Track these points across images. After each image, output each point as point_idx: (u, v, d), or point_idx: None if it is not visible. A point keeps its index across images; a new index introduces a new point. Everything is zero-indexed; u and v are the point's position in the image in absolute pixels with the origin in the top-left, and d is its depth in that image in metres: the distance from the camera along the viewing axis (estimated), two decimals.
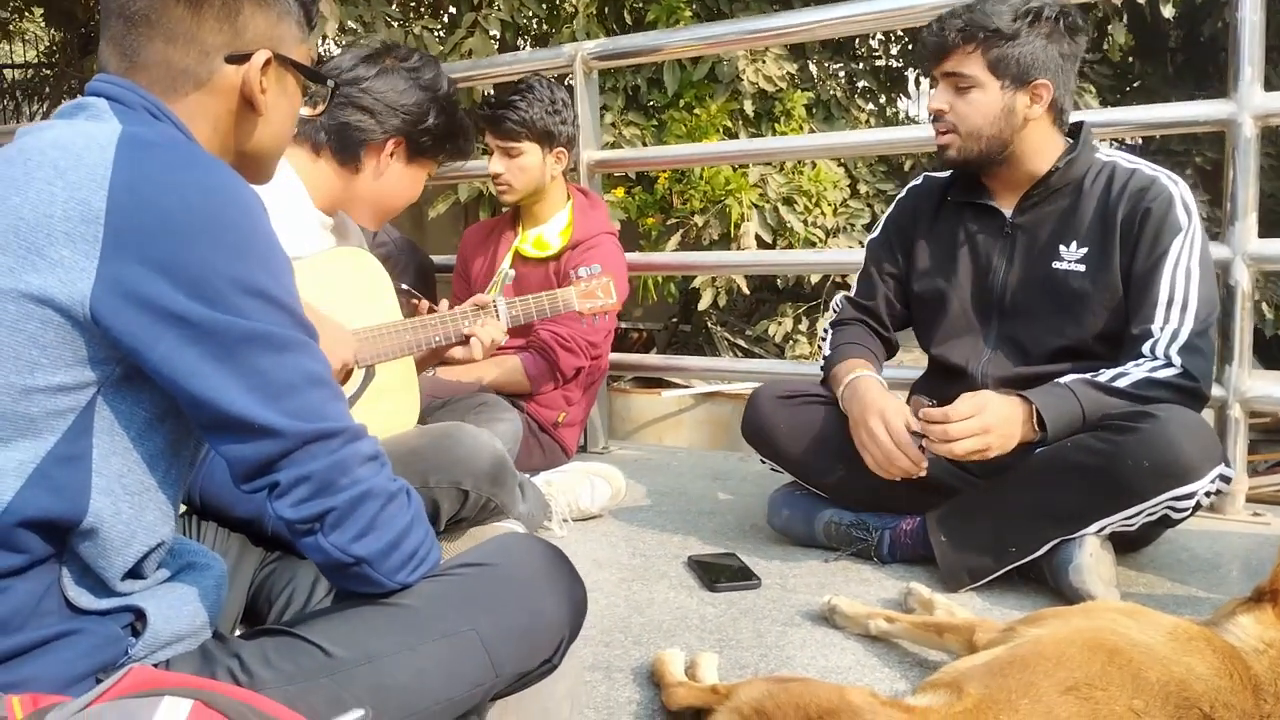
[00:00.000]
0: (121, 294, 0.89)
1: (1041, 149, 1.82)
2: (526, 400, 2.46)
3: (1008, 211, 1.88)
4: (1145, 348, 1.69)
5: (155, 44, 1.03)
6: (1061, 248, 1.81)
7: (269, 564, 1.38)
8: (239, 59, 1.06)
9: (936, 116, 1.83)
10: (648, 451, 2.97)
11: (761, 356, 5.56)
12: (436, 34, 4.92)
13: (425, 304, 1.95)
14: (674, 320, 6.12)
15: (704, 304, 5.11)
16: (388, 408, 1.77)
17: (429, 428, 1.79)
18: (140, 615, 0.97)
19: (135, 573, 0.99)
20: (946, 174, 1.98)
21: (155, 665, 0.97)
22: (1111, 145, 2.12)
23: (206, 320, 0.90)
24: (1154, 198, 1.74)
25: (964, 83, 1.78)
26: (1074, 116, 1.88)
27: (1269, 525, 2.03)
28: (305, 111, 1.20)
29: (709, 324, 5.65)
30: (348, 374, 1.70)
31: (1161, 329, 1.69)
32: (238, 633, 1.31)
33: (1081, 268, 1.78)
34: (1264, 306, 4.99)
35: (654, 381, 4.83)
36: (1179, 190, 1.75)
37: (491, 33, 4.95)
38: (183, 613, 1.02)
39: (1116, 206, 1.76)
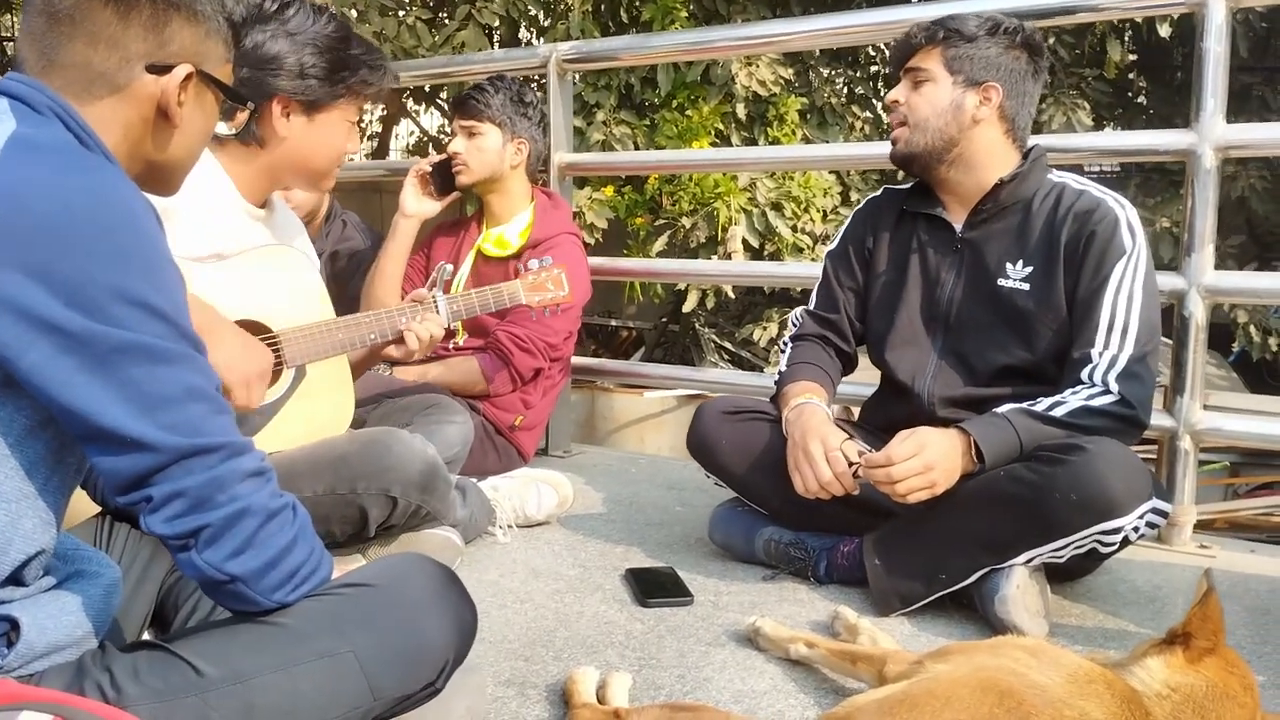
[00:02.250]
0: None
1: (991, 159, 1.83)
2: (482, 402, 2.45)
3: (958, 225, 1.88)
4: (1084, 373, 1.69)
5: (76, 45, 1.02)
6: (1008, 265, 1.81)
7: (179, 569, 1.37)
8: (160, 69, 1.05)
9: (891, 108, 1.88)
10: (609, 457, 2.96)
11: (749, 359, 5.56)
12: (431, 28, 4.91)
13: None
14: (664, 320, 6.12)
15: (689, 306, 5.10)
16: (319, 408, 1.76)
17: (360, 433, 1.78)
18: (15, 625, 0.96)
19: (15, 580, 0.99)
20: (905, 186, 1.98)
21: (29, 676, 0.97)
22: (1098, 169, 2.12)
23: (82, 329, 0.89)
24: (1100, 220, 1.74)
25: (920, 76, 1.84)
26: (1042, 142, 1.88)
27: (1214, 558, 2.02)
28: (222, 128, 1.20)
29: (697, 326, 5.65)
30: (276, 375, 1.69)
31: (1101, 354, 1.68)
32: (145, 637, 1.30)
33: (1026, 287, 1.78)
34: (1251, 330, 4.96)
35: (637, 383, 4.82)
36: (1125, 213, 1.75)
37: (494, 26, 4.94)
38: (62, 623, 1.01)
39: (1062, 227, 1.76)
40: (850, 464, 1.68)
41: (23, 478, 0.96)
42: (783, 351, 2.05)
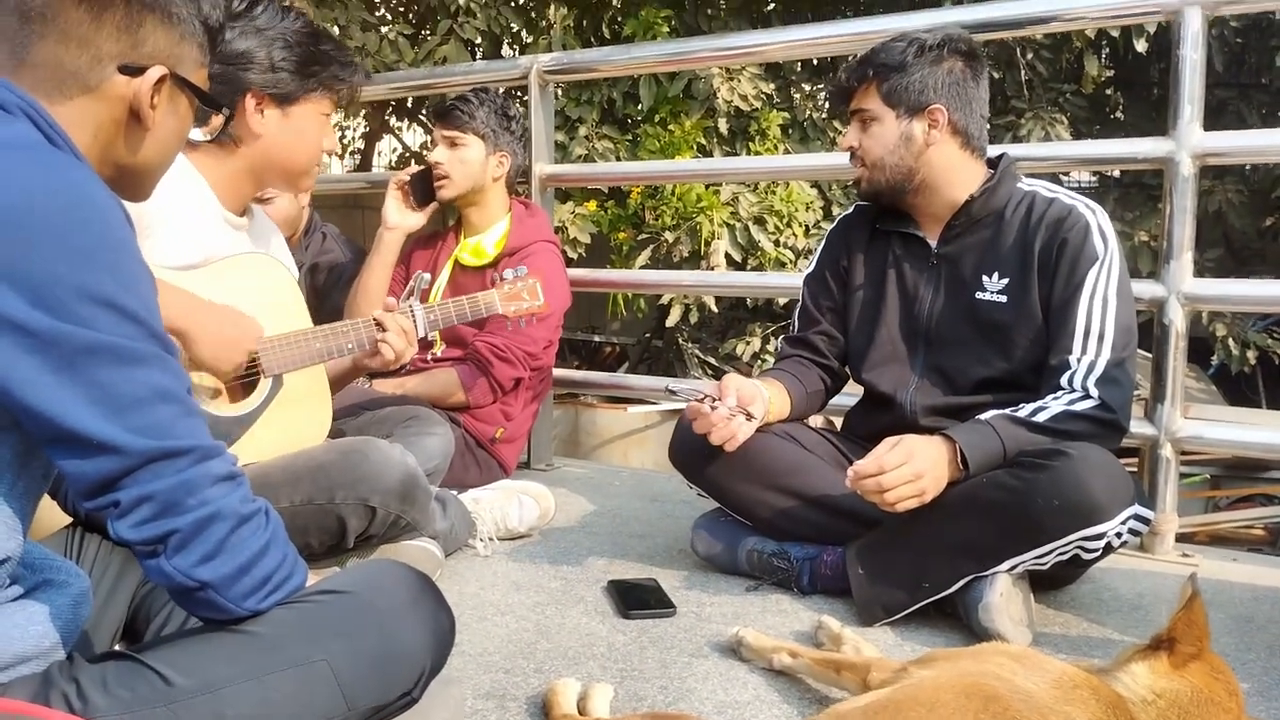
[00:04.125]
0: None
1: (954, 175, 1.83)
2: (462, 414, 2.43)
3: (933, 241, 1.88)
4: (1063, 379, 1.69)
5: (47, 43, 1.01)
6: (984, 278, 1.81)
7: (150, 579, 1.34)
8: (133, 71, 1.03)
9: (850, 154, 1.89)
10: (591, 470, 2.94)
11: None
12: (413, 43, 4.91)
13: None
14: (647, 335, 6.11)
15: (672, 320, 5.09)
16: (296, 418, 1.74)
17: (338, 442, 1.76)
18: None
19: None
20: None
21: None
22: (1077, 184, 2.13)
23: (47, 329, 0.87)
24: (1071, 227, 1.74)
25: (864, 116, 1.85)
26: (1016, 151, 1.89)
27: (1197, 566, 2.01)
28: (197, 134, 1.18)
29: (680, 340, 5.64)
30: (254, 385, 1.67)
31: (1079, 360, 1.69)
32: (116, 649, 1.27)
33: (1003, 298, 1.79)
34: (1230, 343, 4.99)
35: (620, 396, 4.81)
36: (1096, 218, 1.76)
37: (476, 41, 4.95)
38: (29, 633, 0.98)
39: (1035, 236, 1.77)
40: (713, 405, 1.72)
41: None
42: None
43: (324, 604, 1.00)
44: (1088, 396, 1.65)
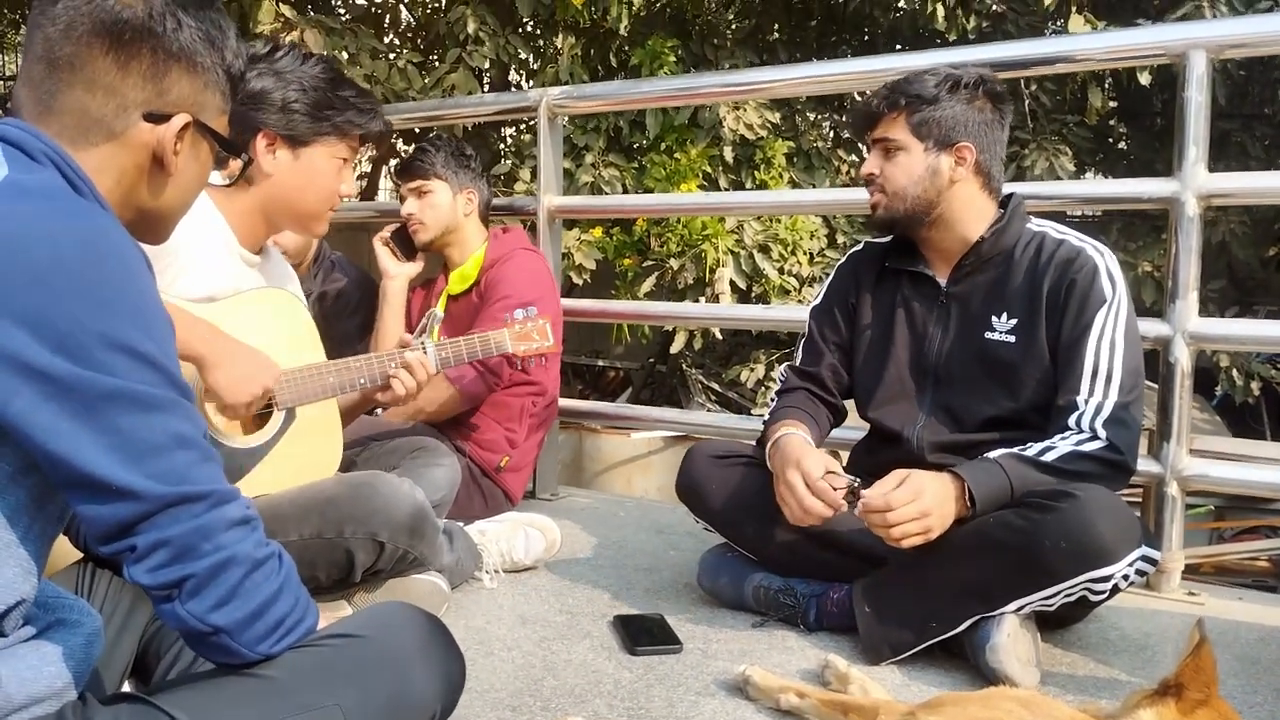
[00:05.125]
0: None
1: (971, 214, 1.84)
2: (467, 443, 2.43)
3: (942, 280, 1.89)
4: (1071, 420, 1.69)
5: (74, 91, 1.02)
6: (993, 318, 1.82)
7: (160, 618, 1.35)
8: (158, 118, 1.05)
9: (868, 181, 1.88)
10: (596, 500, 2.94)
11: (736, 400, 5.57)
12: (422, 71, 4.95)
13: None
14: (651, 361, 6.12)
15: (676, 347, 5.11)
16: (307, 451, 1.74)
17: (347, 476, 1.77)
18: None
19: None
20: (886, 239, 1.99)
21: None
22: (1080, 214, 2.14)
23: (69, 376, 0.88)
24: (1080, 268, 1.75)
25: (890, 145, 1.83)
26: (1022, 189, 1.90)
27: (1203, 605, 2.01)
28: (216, 178, 1.20)
29: (684, 367, 5.65)
30: (267, 418, 1.68)
31: (1086, 401, 1.69)
32: (126, 687, 1.28)
33: (1012, 338, 1.79)
34: (1234, 374, 4.99)
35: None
36: (1105, 261, 1.76)
37: (484, 69, 4.99)
38: (43, 674, 0.98)
39: (1044, 277, 1.77)
40: (836, 488, 1.67)
41: (4, 525, 0.94)
42: (769, 406, 2.05)
43: (337, 648, 1.01)
44: (1095, 437, 1.66)
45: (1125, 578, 1.56)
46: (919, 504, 1.59)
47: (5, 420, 0.88)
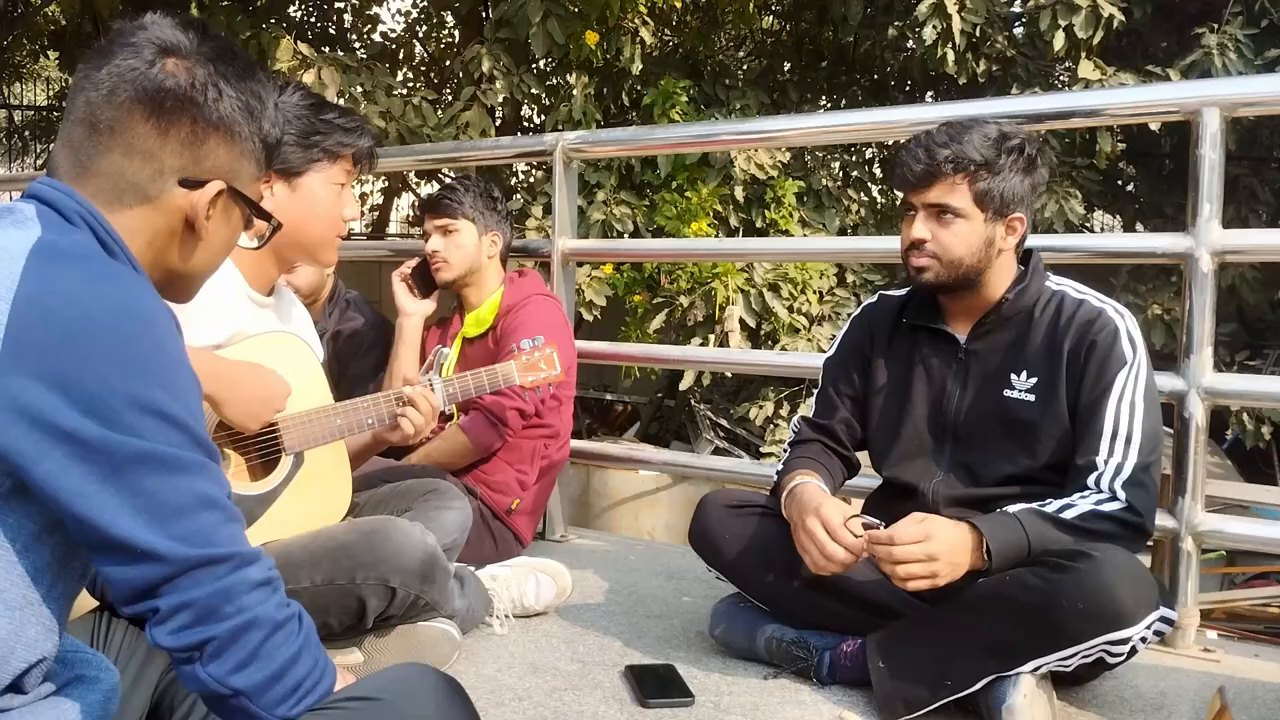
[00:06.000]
0: (12, 408, 0.88)
1: (1001, 275, 1.84)
2: (479, 484, 2.43)
3: (962, 337, 1.88)
4: (1090, 480, 1.69)
5: (112, 155, 1.04)
6: (1013, 376, 1.81)
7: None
8: (193, 184, 1.06)
9: (916, 245, 1.81)
10: (606, 542, 2.93)
11: (744, 437, 5.56)
12: (436, 107, 5.00)
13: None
14: (659, 395, 6.12)
15: (685, 384, 5.12)
16: (317, 496, 1.75)
17: (359, 522, 1.77)
18: None
19: (15, 688, 0.97)
20: (902, 293, 1.99)
21: None
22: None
23: (97, 438, 0.89)
24: (1100, 330, 1.75)
25: (950, 212, 1.77)
26: (1033, 242, 1.90)
27: (1219, 663, 1.99)
28: (245, 241, 1.21)
29: (693, 402, 5.65)
30: (275, 463, 1.69)
31: (1106, 461, 1.68)
32: None
33: (1031, 397, 1.78)
34: (1245, 417, 4.97)
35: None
36: (1125, 323, 1.76)
37: (498, 103, 5.03)
38: None
39: (1064, 337, 1.77)
40: (856, 535, 1.66)
41: (28, 584, 0.94)
42: (783, 456, 2.04)
43: (353, 711, 1.00)
44: (1115, 498, 1.65)
45: (1143, 639, 1.55)
46: (926, 547, 1.58)
47: (34, 481, 0.89)
